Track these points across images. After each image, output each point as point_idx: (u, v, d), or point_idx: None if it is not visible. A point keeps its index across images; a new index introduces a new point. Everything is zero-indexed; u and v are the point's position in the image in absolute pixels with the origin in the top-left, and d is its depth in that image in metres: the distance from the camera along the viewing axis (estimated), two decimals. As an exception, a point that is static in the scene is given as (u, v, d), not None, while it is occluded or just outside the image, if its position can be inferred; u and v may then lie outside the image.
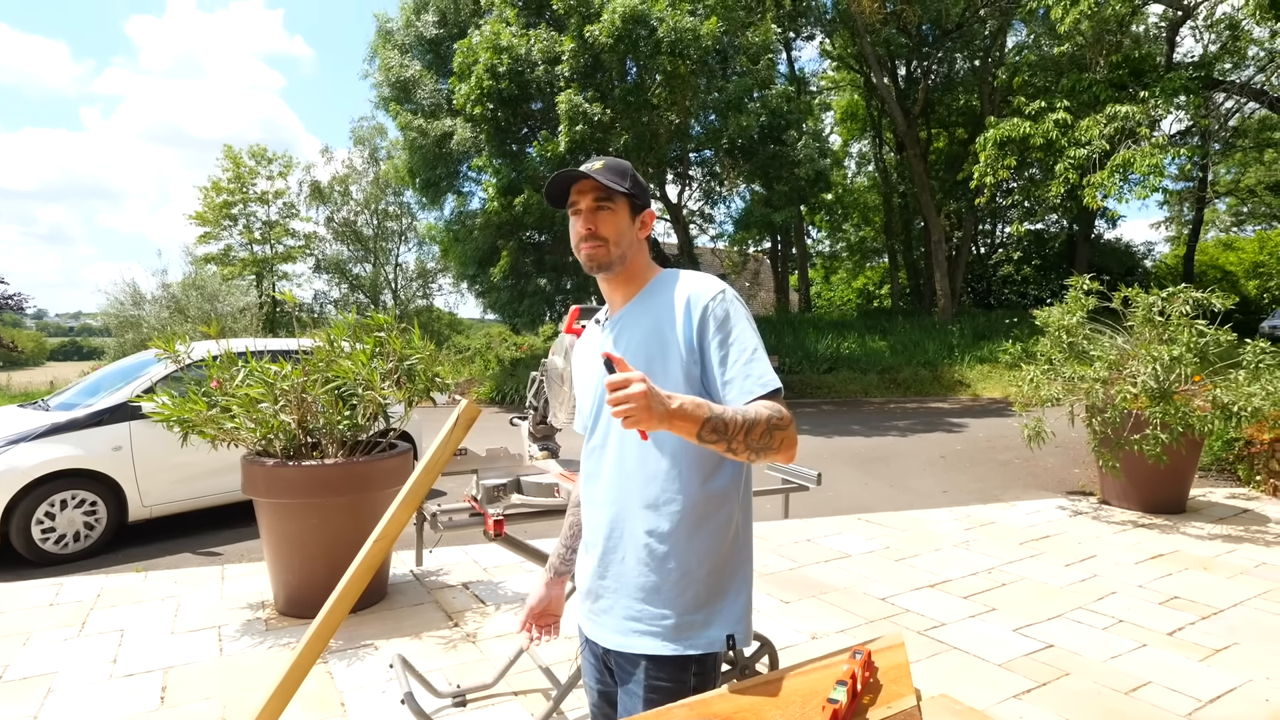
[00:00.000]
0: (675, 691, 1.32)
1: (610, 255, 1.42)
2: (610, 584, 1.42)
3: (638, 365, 1.35)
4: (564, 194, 1.46)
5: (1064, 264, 23.07)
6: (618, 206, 1.43)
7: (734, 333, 1.36)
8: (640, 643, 1.36)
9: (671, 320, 1.38)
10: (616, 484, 1.41)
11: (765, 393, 1.32)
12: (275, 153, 26.94)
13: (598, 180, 1.40)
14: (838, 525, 5.54)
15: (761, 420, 1.26)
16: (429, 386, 4.10)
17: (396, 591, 4.18)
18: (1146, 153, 12.37)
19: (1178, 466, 5.58)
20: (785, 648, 3.35)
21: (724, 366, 1.35)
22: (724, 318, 1.37)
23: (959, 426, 10.96)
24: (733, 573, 1.40)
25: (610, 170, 1.44)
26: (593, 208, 1.42)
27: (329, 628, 1.58)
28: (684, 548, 1.35)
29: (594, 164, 1.44)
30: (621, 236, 1.43)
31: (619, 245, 1.42)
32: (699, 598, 1.35)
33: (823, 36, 22.23)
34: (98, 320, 19.36)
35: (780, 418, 1.29)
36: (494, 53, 13.45)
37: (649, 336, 1.39)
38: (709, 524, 1.37)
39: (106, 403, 5.38)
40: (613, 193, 1.42)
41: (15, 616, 3.86)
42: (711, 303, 1.37)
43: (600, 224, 1.42)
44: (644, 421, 1.13)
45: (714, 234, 23.20)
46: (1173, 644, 3.42)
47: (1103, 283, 6.04)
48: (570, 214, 1.46)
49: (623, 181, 1.43)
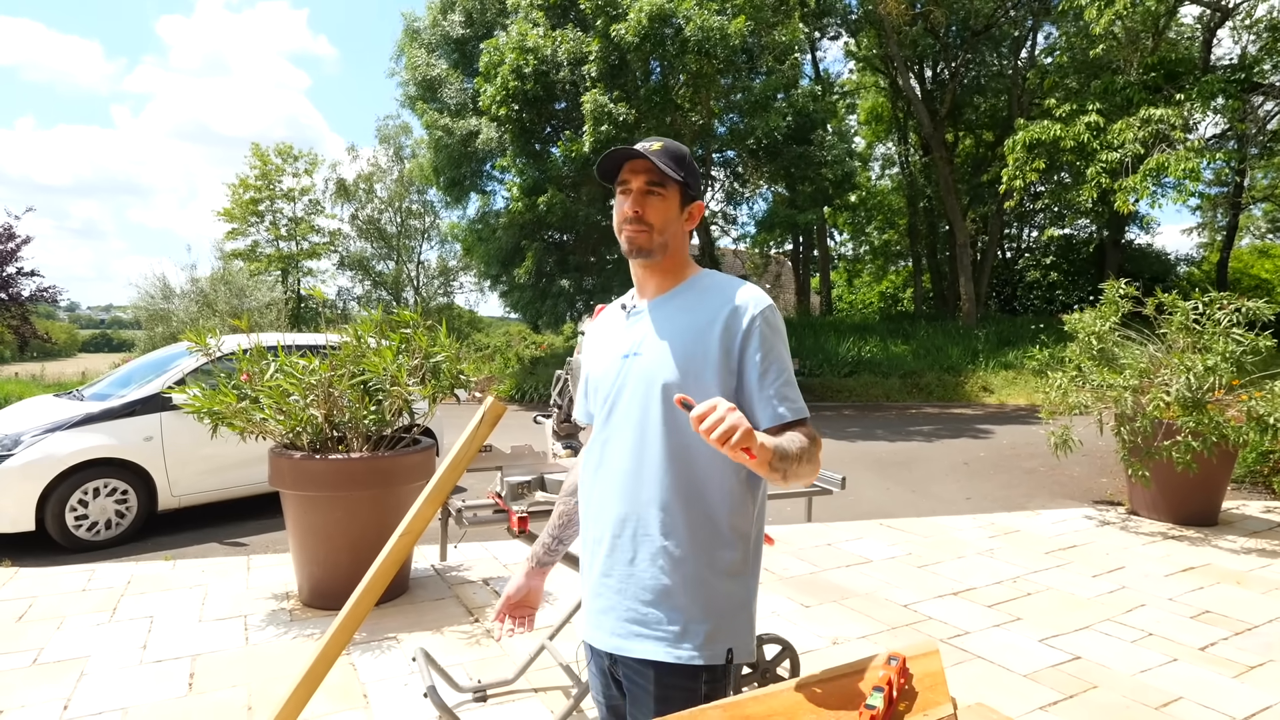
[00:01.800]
0: (687, 700, 1.26)
1: (652, 242, 1.37)
2: (615, 583, 1.36)
3: (675, 364, 1.32)
4: (615, 170, 1.40)
5: (1093, 270, 22.68)
6: (669, 193, 1.38)
7: (775, 352, 1.34)
8: (644, 647, 1.31)
9: (714, 325, 1.33)
10: (633, 480, 1.35)
11: (796, 419, 1.31)
12: (301, 150, 27.32)
13: (653, 162, 1.35)
14: (859, 530, 5.49)
15: (809, 446, 1.27)
16: (453, 383, 4.13)
17: (418, 586, 4.21)
18: (1182, 156, 12.13)
19: (1210, 477, 5.46)
20: (806, 652, 3.33)
21: (761, 384, 1.32)
22: (768, 334, 1.33)
23: (983, 433, 10.82)
24: (746, 582, 1.36)
25: (668, 153, 1.38)
26: (643, 189, 1.37)
27: (354, 620, 1.60)
28: (702, 552, 1.31)
29: (652, 144, 1.39)
30: (668, 224, 1.38)
31: (663, 233, 1.38)
32: (711, 605, 1.31)
33: (848, 37, 22.06)
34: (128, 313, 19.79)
35: (814, 448, 1.30)
36: (520, 53, 13.51)
37: (689, 338, 1.34)
38: (729, 530, 1.33)
39: (139, 394, 5.48)
40: (666, 178, 1.37)
41: (50, 601, 3.94)
42: (760, 316, 1.33)
43: (648, 208, 1.37)
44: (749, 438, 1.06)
45: (736, 235, 23.14)
46: (1205, 659, 3.35)
47: (1135, 289, 5.93)
48: (619, 192, 1.41)
49: (679, 168, 1.37)
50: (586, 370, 1.54)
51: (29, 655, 3.29)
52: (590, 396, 1.51)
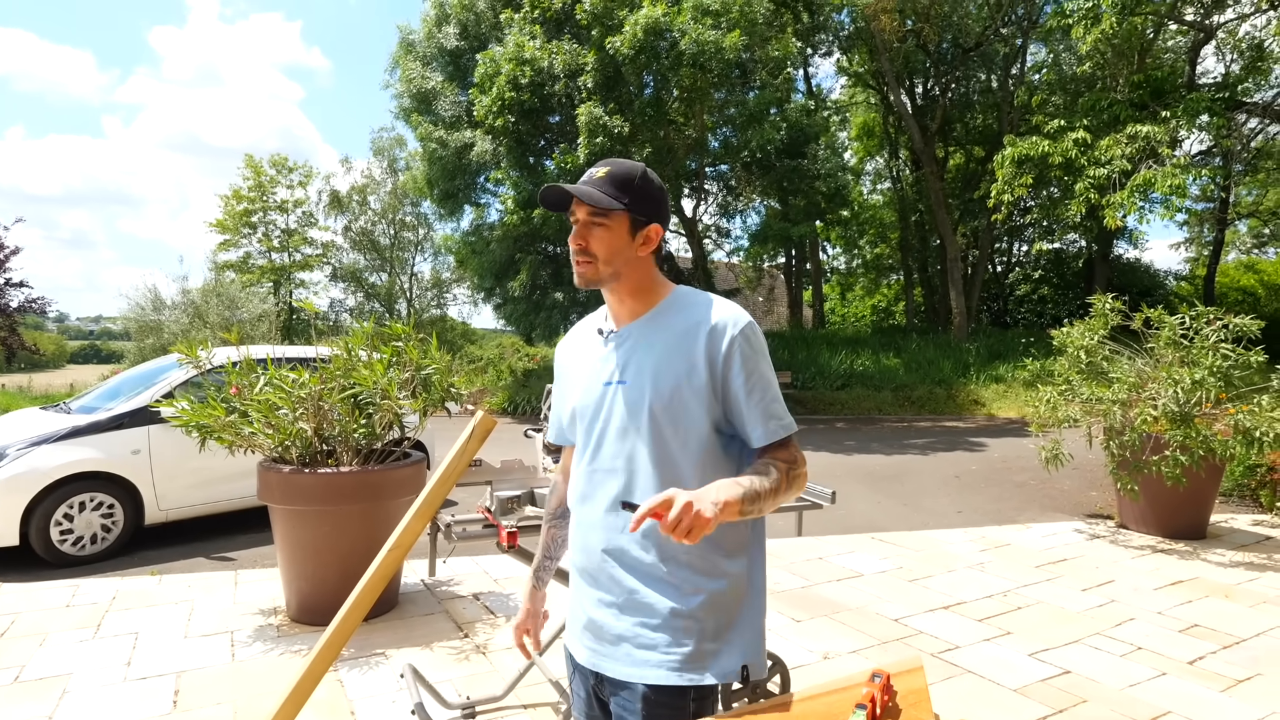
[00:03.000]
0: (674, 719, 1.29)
1: (599, 273, 1.35)
2: (615, 613, 1.35)
3: (661, 392, 1.32)
4: (557, 203, 1.38)
5: (1082, 284, 22.88)
6: (613, 222, 1.35)
7: (759, 370, 1.34)
8: (650, 673, 1.30)
9: (695, 349, 1.32)
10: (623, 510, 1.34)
11: (782, 437, 1.33)
12: (296, 162, 27.34)
13: (590, 190, 1.33)
14: (850, 544, 5.49)
15: (784, 479, 1.29)
16: (444, 396, 4.12)
17: (408, 601, 4.18)
18: (1169, 173, 12.28)
19: (1198, 491, 5.49)
20: (797, 667, 3.32)
21: (748, 405, 1.32)
22: (749, 353, 1.33)
23: (974, 446, 10.86)
24: (749, 598, 1.36)
25: (612, 180, 1.36)
26: (587, 221, 1.35)
27: (342, 636, 1.59)
28: (701, 574, 1.31)
29: (597, 171, 1.37)
30: (615, 255, 1.35)
31: (610, 264, 1.35)
32: (718, 625, 1.31)
33: (840, 54, 22.29)
34: (118, 324, 19.65)
35: (795, 470, 1.32)
36: (516, 65, 13.59)
37: (671, 364, 1.33)
38: (727, 549, 1.34)
39: (126, 406, 5.44)
40: (607, 208, 1.34)
41: (33, 617, 3.89)
42: (739, 336, 1.32)
43: (591, 239, 1.35)
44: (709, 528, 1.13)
45: (729, 249, 23.23)
46: (1193, 673, 3.35)
47: (1123, 303, 5.98)
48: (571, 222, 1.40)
49: (622, 194, 1.34)
50: (564, 395, 1.53)
51: (10, 673, 3.24)
52: (572, 424, 1.49)
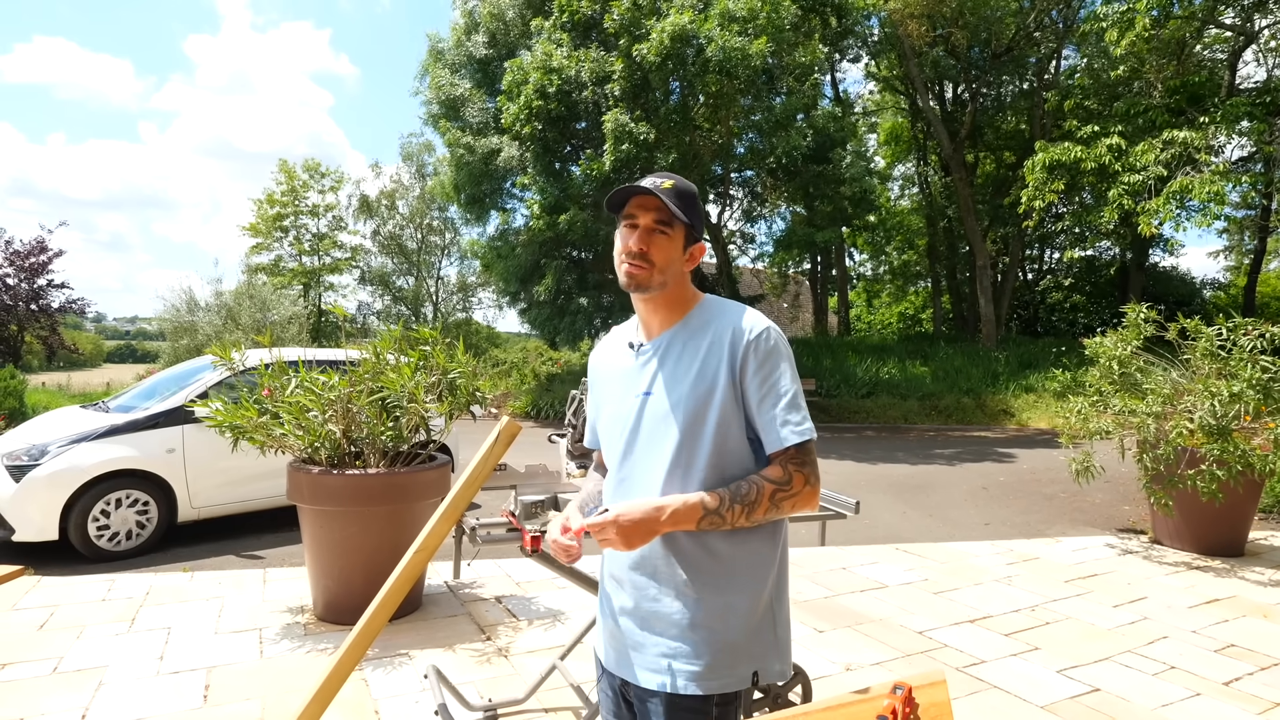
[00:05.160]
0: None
1: (651, 280, 1.38)
2: (641, 621, 1.37)
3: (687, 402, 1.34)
4: (624, 202, 1.41)
5: (1116, 292, 22.41)
6: (675, 234, 1.39)
7: (775, 374, 1.33)
8: (671, 681, 1.32)
9: (719, 357, 1.35)
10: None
11: (796, 443, 1.31)
12: (328, 168, 27.81)
13: (664, 201, 1.36)
14: (875, 554, 5.43)
15: (764, 498, 1.29)
16: (470, 400, 4.16)
17: (431, 602, 4.23)
18: (1206, 179, 12.01)
19: (1236, 507, 5.35)
20: (819, 678, 3.30)
21: (760, 409, 1.33)
22: (765, 357, 1.34)
23: (1003, 457, 10.69)
24: (773, 609, 1.37)
25: (678, 194, 1.39)
26: (650, 227, 1.38)
27: (368, 635, 1.62)
28: (726, 585, 1.33)
29: (663, 182, 1.39)
30: (670, 265, 1.39)
31: (664, 272, 1.39)
32: (741, 635, 1.32)
33: (868, 59, 22.13)
34: (153, 325, 20.12)
35: (787, 486, 1.30)
36: (544, 73, 13.71)
37: (696, 373, 1.36)
38: (751, 560, 1.34)
39: (162, 406, 5.57)
40: (673, 218, 1.37)
41: (70, 610, 4.00)
42: (755, 341, 1.34)
43: (653, 246, 1.38)
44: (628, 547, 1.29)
45: (754, 255, 23.15)
46: (1228, 694, 3.27)
47: (1158, 313, 5.85)
48: (624, 225, 1.41)
49: (687, 210, 1.39)
50: (597, 404, 1.57)
51: (49, 664, 3.34)
52: (604, 433, 1.53)
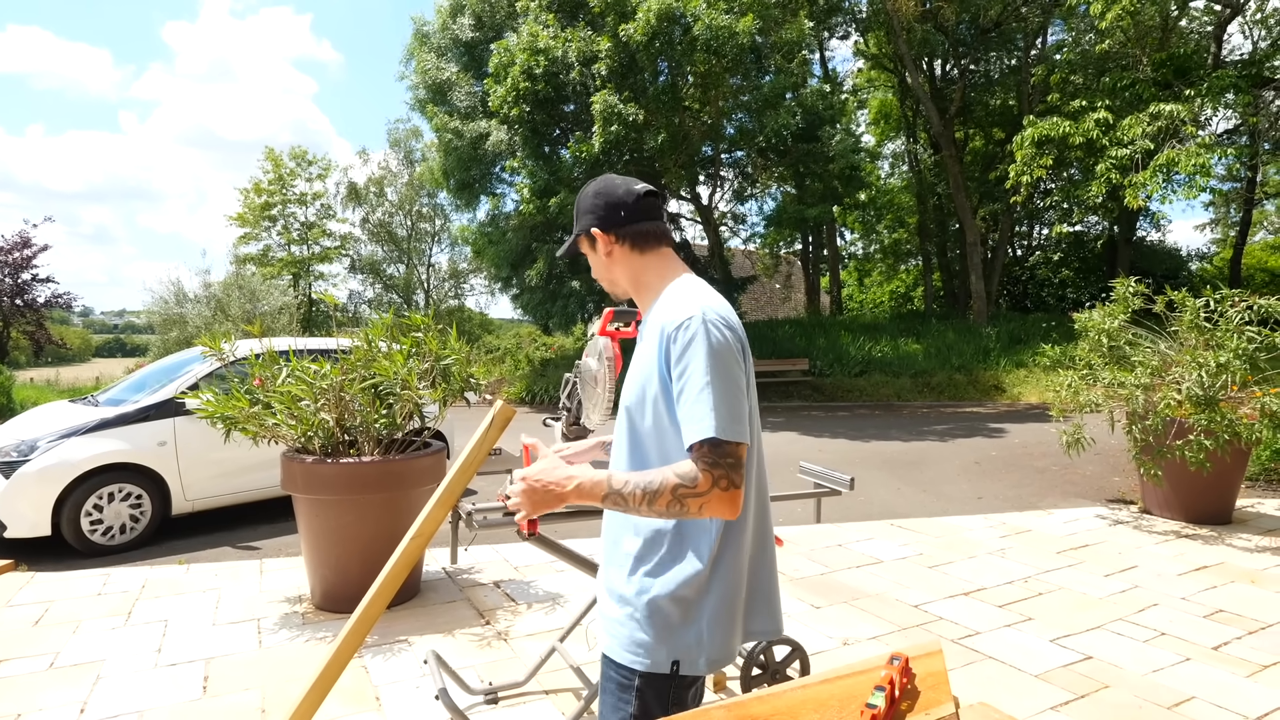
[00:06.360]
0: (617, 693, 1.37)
1: (615, 290, 1.53)
2: (604, 589, 1.47)
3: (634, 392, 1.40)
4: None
5: (1104, 266, 22.50)
6: (585, 248, 1.53)
7: (688, 368, 1.27)
8: (607, 643, 1.42)
9: (657, 348, 1.35)
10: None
11: (700, 439, 1.23)
12: (315, 155, 27.50)
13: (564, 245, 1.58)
14: (870, 530, 5.48)
15: (666, 491, 1.23)
16: (463, 387, 4.16)
17: (429, 588, 4.24)
18: (1192, 152, 12.04)
19: (1223, 475, 5.42)
20: (816, 653, 3.33)
21: (678, 402, 1.28)
22: (683, 348, 1.28)
23: (995, 432, 10.77)
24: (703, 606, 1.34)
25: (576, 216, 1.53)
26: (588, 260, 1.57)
27: (366, 623, 1.62)
28: (653, 572, 1.36)
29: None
30: (603, 273, 1.51)
31: (611, 282, 1.52)
32: (663, 623, 1.34)
33: (857, 36, 21.98)
34: (141, 318, 19.95)
35: (692, 485, 1.22)
36: (531, 54, 13.56)
37: (641, 364, 1.41)
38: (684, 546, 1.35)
39: (152, 399, 5.54)
40: (574, 247, 1.56)
41: (66, 605, 4.00)
42: (675, 331, 1.29)
43: (594, 271, 1.55)
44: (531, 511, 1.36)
45: (746, 236, 23.09)
46: (1218, 659, 3.33)
47: (1146, 286, 5.89)
48: None
49: (577, 222, 1.51)
50: None
51: (46, 659, 3.34)
52: None
